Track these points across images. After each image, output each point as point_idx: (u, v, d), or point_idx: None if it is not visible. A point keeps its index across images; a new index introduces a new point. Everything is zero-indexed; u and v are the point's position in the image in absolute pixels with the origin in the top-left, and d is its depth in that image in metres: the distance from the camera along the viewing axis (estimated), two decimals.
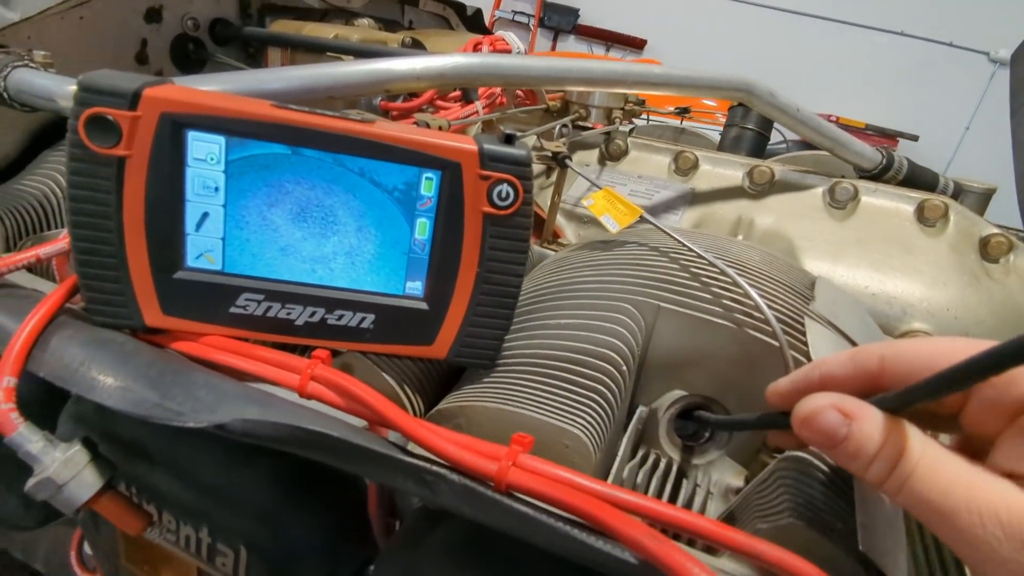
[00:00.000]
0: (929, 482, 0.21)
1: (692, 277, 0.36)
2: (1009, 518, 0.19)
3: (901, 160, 0.65)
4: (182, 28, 0.64)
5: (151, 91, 0.28)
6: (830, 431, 0.23)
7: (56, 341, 0.30)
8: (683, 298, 0.35)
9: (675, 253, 0.40)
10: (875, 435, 0.22)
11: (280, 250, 0.32)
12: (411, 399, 0.36)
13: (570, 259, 0.43)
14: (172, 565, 0.36)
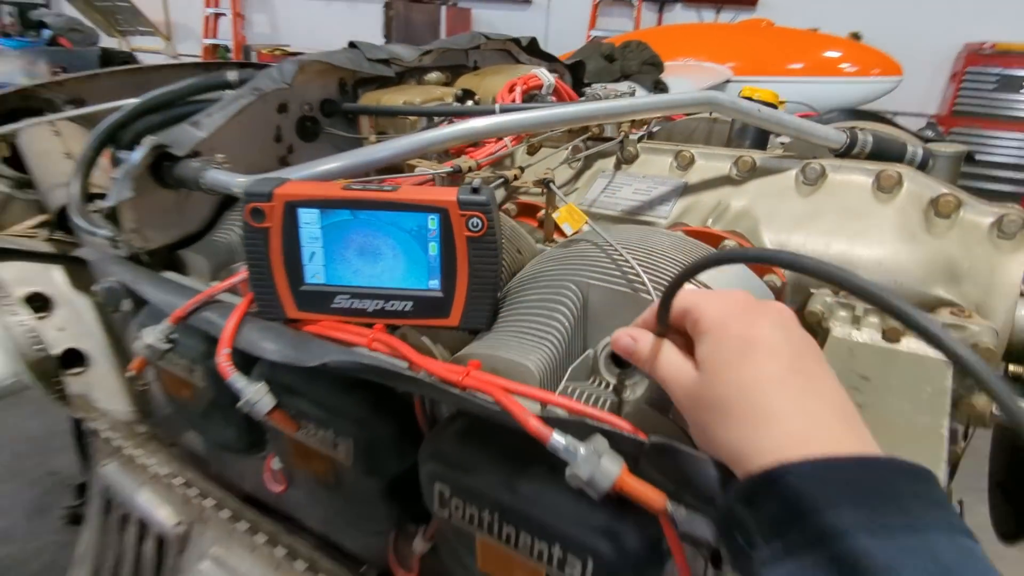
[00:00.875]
0: (659, 367, 0.39)
1: (611, 261, 0.54)
2: (684, 381, 0.36)
3: (865, 137, 0.76)
4: (302, 112, 0.91)
5: (278, 190, 0.53)
6: (624, 347, 0.41)
7: (245, 328, 0.55)
8: (603, 276, 0.54)
9: (604, 246, 0.58)
10: (645, 347, 0.40)
11: (354, 270, 0.55)
12: (441, 352, 0.58)
13: (546, 254, 0.62)
14: (313, 457, 0.61)
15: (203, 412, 0.73)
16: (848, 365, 0.56)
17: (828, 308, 0.62)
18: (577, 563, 0.43)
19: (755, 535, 0.29)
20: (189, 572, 0.88)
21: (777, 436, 0.31)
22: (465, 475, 0.48)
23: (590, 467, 0.38)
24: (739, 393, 0.33)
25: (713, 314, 0.36)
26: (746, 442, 0.32)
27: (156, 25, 7.82)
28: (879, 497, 0.27)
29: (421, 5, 6.48)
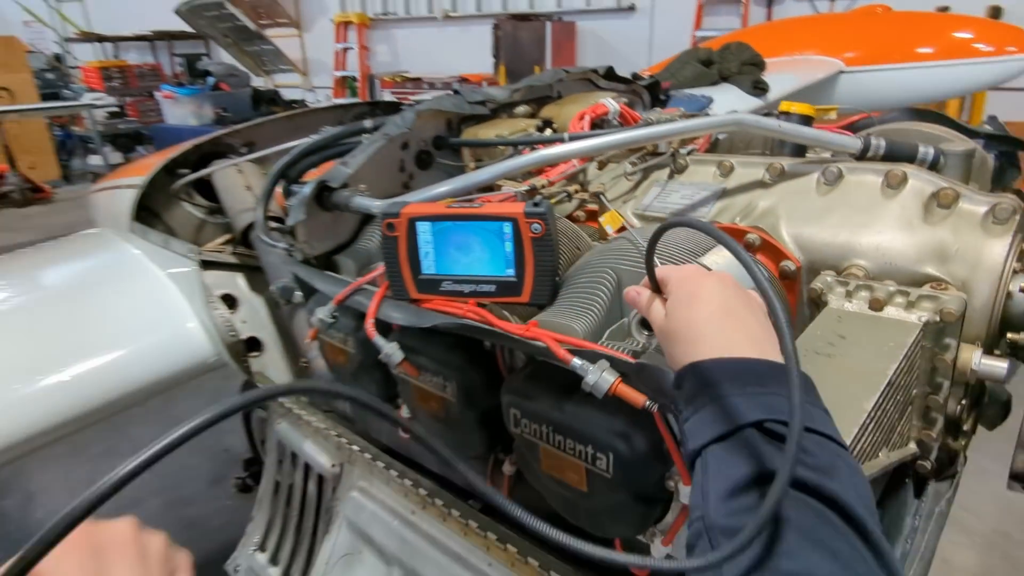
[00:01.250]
0: (648, 311, 0.58)
1: (637, 252, 0.74)
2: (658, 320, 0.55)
3: (878, 142, 0.88)
4: (419, 147, 1.17)
5: (403, 209, 0.77)
6: (631, 298, 0.60)
7: (383, 305, 0.81)
8: (631, 263, 0.73)
9: (634, 241, 0.77)
10: (644, 299, 0.59)
11: (455, 263, 0.79)
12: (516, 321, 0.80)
13: (595, 249, 0.82)
14: (429, 398, 0.85)
15: (353, 372, 1.00)
16: (832, 328, 0.71)
17: (827, 286, 0.77)
18: (603, 457, 0.63)
19: (680, 404, 0.48)
20: (344, 500, 1.17)
21: (703, 351, 0.49)
22: (529, 401, 0.70)
23: (594, 377, 0.58)
24: (685, 326, 0.52)
25: (675, 278, 0.55)
26: (686, 357, 0.50)
27: (295, 63, 8.80)
28: (751, 379, 0.45)
29: (527, 23, 6.80)
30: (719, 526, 0.39)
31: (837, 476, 0.39)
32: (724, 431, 0.43)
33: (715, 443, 0.43)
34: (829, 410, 0.46)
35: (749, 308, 0.53)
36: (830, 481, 0.39)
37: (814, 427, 0.42)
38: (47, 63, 9.72)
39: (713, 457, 0.43)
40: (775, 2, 6.71)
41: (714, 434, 0.43)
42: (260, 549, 1.42)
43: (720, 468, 0.42)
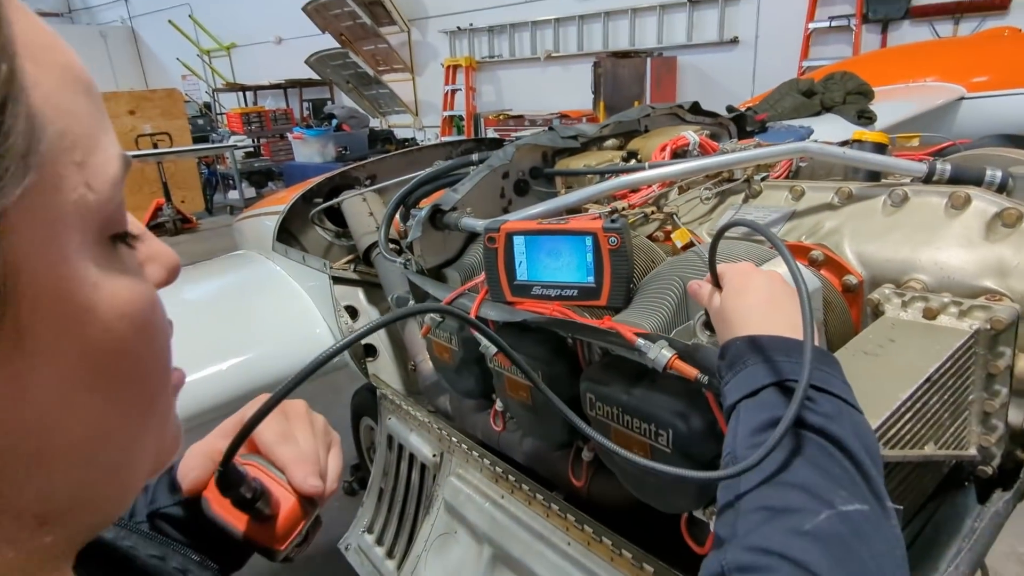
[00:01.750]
0: (707, 302, 0.68)
1: (702, 263, 0.84)
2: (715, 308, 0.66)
3: (943, 167, 0.93)
4: (517, 176, 1.34)
5: (503, 226, 0.93)
6: (694, 290, 0.71)
7: (483, 306, 0.96)
8: (695, 272, 0.84)
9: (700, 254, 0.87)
10: (705, 290, 0.70)
11: (544, 271, 0.93)
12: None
13: (667, 261, 0.93)
14: (519, 387, 0.99)
15: (456, 368, 1.16)
16: (883, 333, 0.77)
17: (884, 296, 0.83)
18: (664, 434, 0.74)
19: (723, 371, 0.59)
20: (443, 484, 1.32)
21: (747, 331, 0.59)
22: (603, 387, 0.82)
23: (655, 353, 0.69)
24: (734, 312, 0.62)
25: (731, 272, 0.66)
26: (733, 336, 0.61)
27: (407, 104, 9.50)
28: (780, 351, 0.55)
29: (627, 59, 6.96)
30: (742, 456, 0.49)
31: (840, 423, 0.49)
32: (753, 389, 0.53)
33: (746, 399, 0.54)
34: (864, 398, 0.55)
35: (792, 301, 0.63)
36: (832, 424, 0.48)
37: (824, 387, 0.51)
38: (199, 110, 11.12)
39: (744, 408, 0.54)
40: (891, 28, 6.45)
41: (745, 391, 0.54)
42: (368, 531, 1.61)
43: (747, 416, 0.53)
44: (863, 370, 0.70)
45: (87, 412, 0.24)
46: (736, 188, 1.17)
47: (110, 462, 0.26)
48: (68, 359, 0.23)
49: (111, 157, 0.25)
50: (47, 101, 0.21)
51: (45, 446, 0.23)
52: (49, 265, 0.22)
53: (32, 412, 0.22)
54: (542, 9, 7.89)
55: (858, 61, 5.21)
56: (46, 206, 0.21)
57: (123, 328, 0.25)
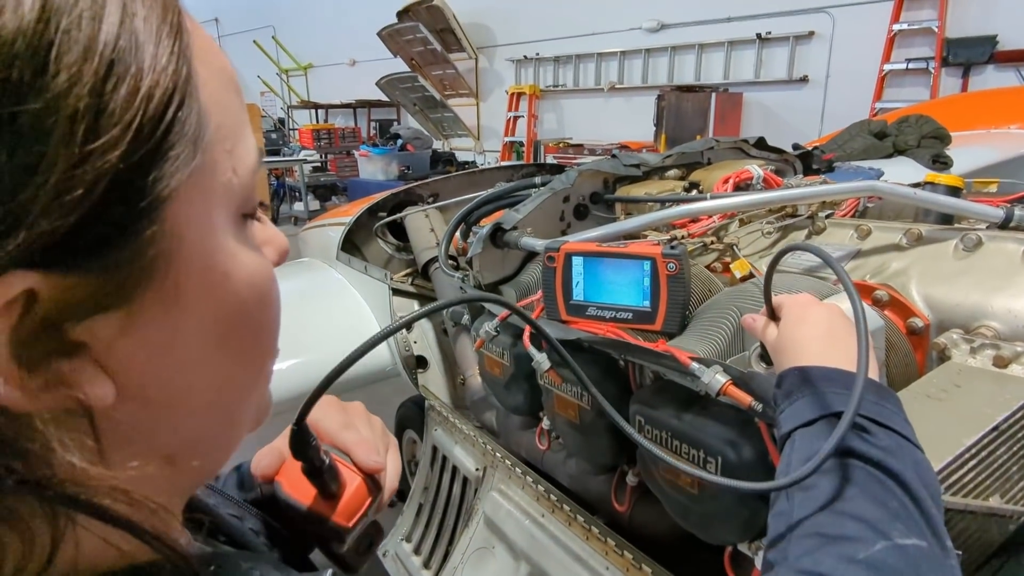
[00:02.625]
0: (763, 333, 0.69)
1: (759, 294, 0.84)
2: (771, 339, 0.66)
3: (1021, 213, 0.90)
4: (577, 200, 1.36)
5: (563, 246, 0.95)
6: (748, 324, 0.72)
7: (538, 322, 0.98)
8: (753, 303, 0.83)
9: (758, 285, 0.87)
10: (760, 323, 0.70)
11: (600, 292, 0.94)
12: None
13: (724, 291, 0.93)
14: (568, 405, 1.00)
15: (505, 384, 1.18)
16: (949, 378, 0.75)
17: (952, 341, 0.81)
18: (712, 461, 0.74)
19: (778, 400, 0.59)
20: (484, 498, 1.33)
21: (805, 362, 0.59)
22: (653, 410, 0.82)
23: (708, 378, 0.70)
24: (792, 343, 0.62)
25: (788, 303, 0.66)
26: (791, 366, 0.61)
27: (470, 129, 9.73)
28: (838, 383, 0.55)
29: (692, 94, 6.95)
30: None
31: (899, 458, 0.48)
32: (809, 419, 0.53)
33: (801, 428, 0.54)
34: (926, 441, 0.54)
35: (852, 336, 0.62)
36: (891, 459, 0.48)
37: (883, 421, 0.51)
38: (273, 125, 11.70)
39: (799, 437, 0.54)
40: (973, 73, 6.22)
41: (800, 421, 0.54)
42: (406, 539, 1.63)
43: (802, 445, 0.53)
44: (926, 413, 0.68)
45: (215, 365, 0.28)
46: (799, 224, 1.16)
47: (227, 412, 0.30)
48: (207, 317, 0.26)
49: (250, 148, 0.28)
50: (210, 97, 0.25)
51: (182, 392, 0.27)
52: (202, 235, 0.25)
53: (176, 360, 0.26)
54: (609, 41, 7.99)
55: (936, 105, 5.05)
56: (204, 185, 0.25)
57: (250, 295, 0.28)
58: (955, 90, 6.23)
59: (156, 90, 0.22)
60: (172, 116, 0.23)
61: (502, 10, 9.05)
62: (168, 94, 0.22)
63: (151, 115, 0.22)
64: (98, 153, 0.20)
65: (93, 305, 0.22)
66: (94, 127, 0.20)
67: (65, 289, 0.21)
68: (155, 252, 0.23)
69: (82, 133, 0.20)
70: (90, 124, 0.20)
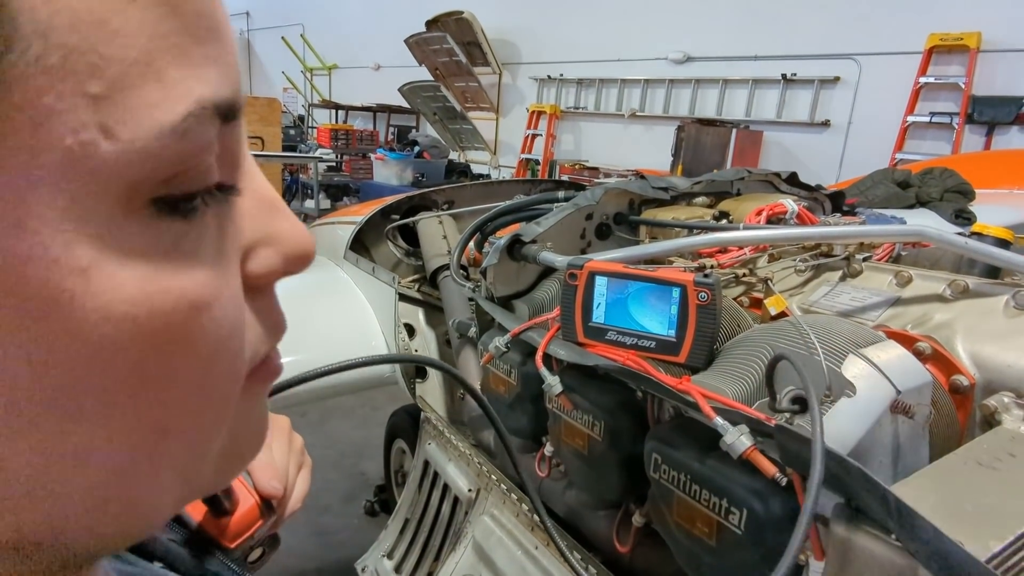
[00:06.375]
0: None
1: (797, 333, 0.78)
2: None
3: None
4: (600, 219, 1.31)
5: (587, 264, 0.90)
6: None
7: (553, 343, 0.92)
8: (788, 342, 0.77)
9: (795, 324, 0.81)
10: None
11: (622, 317, 0.88)
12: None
13: (756, 327, 0.87)
14: (576, 434, 0.93)
15: (510, 404, 1.12)
16: (1002, 445, 0.69)
17: (1003, 406, 0.75)
18: (736, 512, 0.67)
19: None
20: (475, 522, 1.26)
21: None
22: (672, 449, 0.76)
23: (732, 438, 0.63)
24: None
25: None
26: None
27: (487, 142, 9.74)
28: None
29: (712, 127, 6.95)
30: None
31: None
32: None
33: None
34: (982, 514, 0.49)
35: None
36: None
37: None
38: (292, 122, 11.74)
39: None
40: (997, 132, 6.20)
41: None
42: (388, 556, 1.55)
43: None
44: (980, 483, 0.62)
45: (45, 437, 0.18)
46: (834, 264, 1.10)
47: (98, 498, 0.20)
48: (14, 366, 0.16)
49: (173, 98, 0.17)
50: (61, 4, 0.15)
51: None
52: (4, 236, 0.15)
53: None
54: (633, 69, 8.01)
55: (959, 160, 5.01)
56: (11, 151, 0.15)
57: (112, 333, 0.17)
58: (978, 147, 6.21)
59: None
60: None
61: (530, 29, 9.10)
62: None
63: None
64: None
65: None
66: None
67: None
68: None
69: None
70: None
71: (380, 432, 2.41)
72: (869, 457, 0.69)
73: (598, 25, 8.21)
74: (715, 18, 7.19)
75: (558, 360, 0.96)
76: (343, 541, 2.77)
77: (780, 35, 6.75)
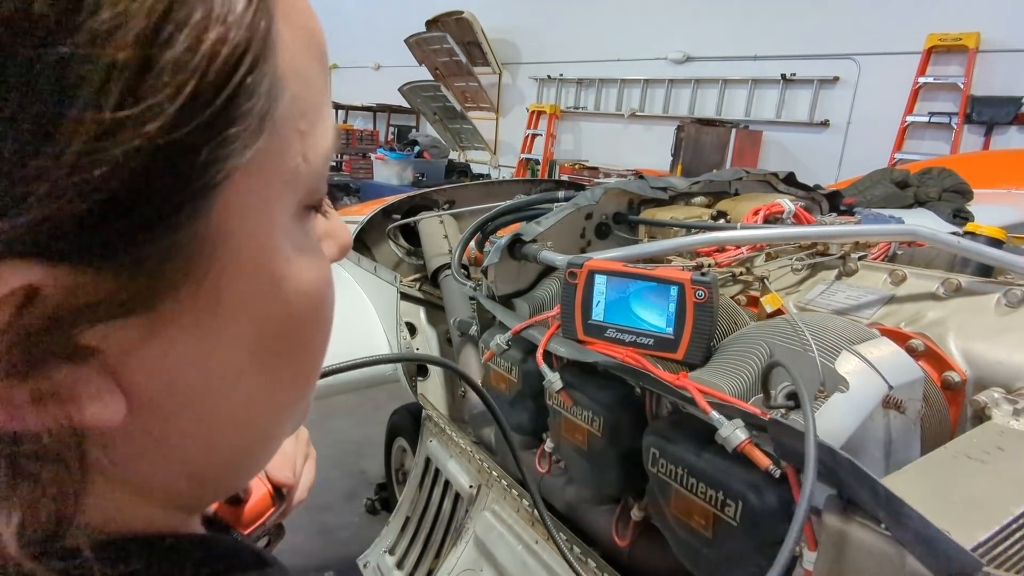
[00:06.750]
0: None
1: (792, 331, 0.80)
2: None
3: None
4: (600, 219, 1.33)
5: (586, 263, 0.91)
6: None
7: (553, 340, 0.94)
8: (784, 339, 0.79)
9: (790, 321, 0.83)
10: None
11: (621, 314, 0.90)
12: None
13: (752, 324, 0.89)
14: (576, 429, 0.95)
15: (511, 400, 1.13)
16: (991, 440, 0.70)
17: (993, 401, 0.76)
18: (732, 504, 0.69)
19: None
20: (476, 518, 1.28)
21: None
22: (670, 444, 0.78)
23: (727, 432, 0.65)
24: None
25: None
26: None
27: (487, 142, 9.76)
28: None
29: (712, 127, 6.96)
30: None
31: None
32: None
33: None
34: (970, 506, 0.51)
35: None
36: None
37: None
38: None
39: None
40: (995, 132, 6.21)
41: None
42: (390, 552, 1.57)
43: None
44: (968, 475, 0.63)
45: (251, 384, 0.24)
46: (829, 263, 1.12)
47: (263, 429, 0.26)
48: (248, 330, 0.22)
49: (328, 130, 0.24)
50: (290, 64, 0.20)
51: (214, 407, 0.23)
52: (255, 232, 0.21)
53: (205, 376, 0.22)
54: (633, 69, 8.03)
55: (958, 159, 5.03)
56: (266, 172, 0.21)
57: (303, 307, 0.24)
58: (976, 147, 6.22)
59: (223, 46, 0.17)
60: (239, 82, 0.18)
61: (530, 29, 9.11)
62: (238, 53, 0.18)
63: (212, 79, 0.17)
64: (134, 122, 0.16)
65: (109, 308, 0.18)
66: (133, 88, 0.16)
67: (75, 287, 0.17)
68: (194, 250, 0.19)
69: (117, 94, 0.15)
70: (129, 83, 0.16)
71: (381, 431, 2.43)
72: (862, 451, 0.71)
73: (598, 25, 8.23)
74: (715, 18, 7.20)
75: (558, 357, 0.97)
76: (344, 539, 2.79)
77: (779, 35, 6.77)
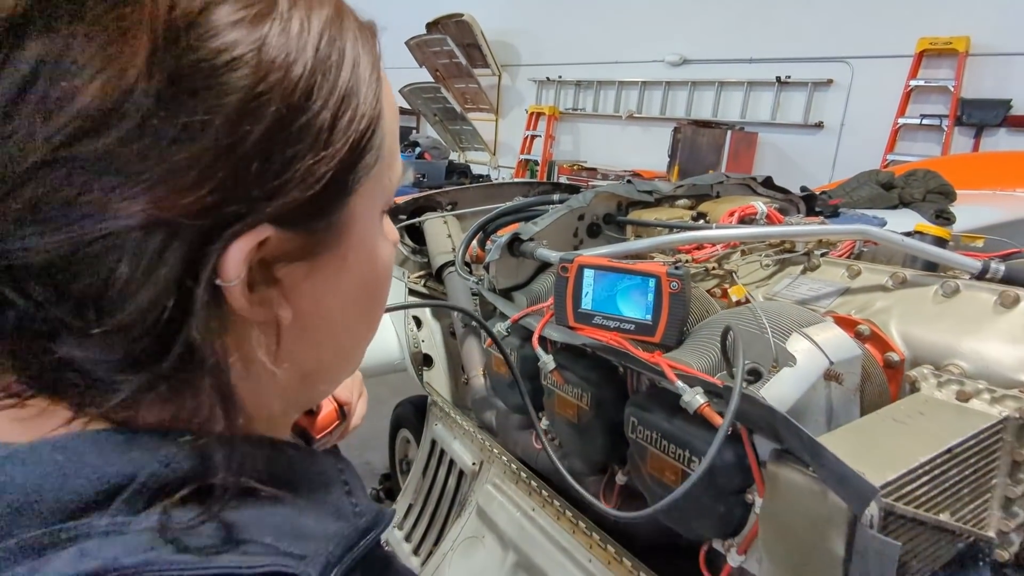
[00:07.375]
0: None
1: (752, 316, 0.93)
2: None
3: (997, 266, 0.99)
4: (591, 220, 1.45)
5: (576, 258, 1.04)
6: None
7: (547, 327, 1.07)
8: (745, 323, 0.92)
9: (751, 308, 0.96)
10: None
11: (607, 303, 1.03)
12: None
13: (720, 312, 1.02)
14: (567, 405, 1.08)
15: (509, 384, 1.26)
16: (915, 407, 0.84)
17: (922, 375, 0.90)
18: (696, 461, 0.82)
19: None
20: (478, 491, 1.41)
21: None
22: (646, 412, 0.91)
23: (689, 397, 0.78)
24: None
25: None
26: None
27: (487, 143, 9.88)
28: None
29: (708, 129, 7.09)
30: None
31: None
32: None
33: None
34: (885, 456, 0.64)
35: None
36: None
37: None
38: None
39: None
40: (985, 134, 6.34)
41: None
42: (398, 527, 1.70)
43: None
44: (889, 433, 0.77)
45: (351, 316, 0.37)
46: (795, 259, 1.25)
47: (350, 349, 0.40)
48: (356, 281, 0.36)
49: (399, 162, 0.38)
50: (387, 126, 0.34)
51: (328, 328, 0.36)
52: (367, 221, 0.35)
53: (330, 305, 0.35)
54: (631, 71, 8.16)
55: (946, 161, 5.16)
56: (374, 186, 0.34)
57: (382, 272, 0.38)
58: (966, 149, 6.35)
59: (363, 119, 0.31)
60: (369, 137, 0.32)
61: (529, 31, 9.24)
62: (370, 122, 0.32)
63: (359, 135, 0.31)
64: (329, 155, 0.30)
65: (293, 255, 0.31)
66: (330, 138, 0.30)
67: (283, 241, 0.30)
68: (341, 226, 0.33)
69: (324, 140, 0.29)
70: (328, 136, 0.29)
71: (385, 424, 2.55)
72: (806, 416, 0.84)
73: (596, 28, 8.36)
74: (711, 21, 7.33)
75: (552, 341, 1.10)
76: None
77: (775, 38, 6.90)
